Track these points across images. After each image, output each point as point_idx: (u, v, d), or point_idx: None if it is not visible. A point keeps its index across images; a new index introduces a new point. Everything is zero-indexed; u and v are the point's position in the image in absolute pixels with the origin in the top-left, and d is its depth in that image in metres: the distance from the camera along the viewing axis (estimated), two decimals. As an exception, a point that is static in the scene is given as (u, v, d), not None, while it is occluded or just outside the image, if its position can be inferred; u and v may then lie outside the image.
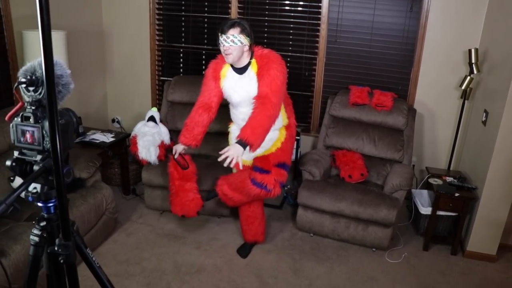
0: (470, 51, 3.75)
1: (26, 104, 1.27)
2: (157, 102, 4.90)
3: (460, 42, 3.99)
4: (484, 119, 3.61)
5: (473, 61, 3.74)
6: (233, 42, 2.79)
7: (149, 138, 3.85)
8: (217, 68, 3.05)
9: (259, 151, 3.07)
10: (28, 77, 1.22)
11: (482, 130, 3.66)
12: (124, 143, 4.22)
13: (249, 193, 3.07)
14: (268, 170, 3.01)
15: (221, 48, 2.86)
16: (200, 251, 3.49)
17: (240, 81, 2.95)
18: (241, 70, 2.95)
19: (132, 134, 3.95)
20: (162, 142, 3.91)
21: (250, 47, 2.89)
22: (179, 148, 3.19)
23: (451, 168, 4.17)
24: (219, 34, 2.84)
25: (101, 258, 3.30)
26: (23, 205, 3.16)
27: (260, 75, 2.87)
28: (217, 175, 3.71)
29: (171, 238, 3.64)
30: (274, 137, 3.10)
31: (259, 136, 2.75)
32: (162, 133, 3.96)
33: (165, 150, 3.93)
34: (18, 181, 3.22)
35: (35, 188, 1.30)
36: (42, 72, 1.06)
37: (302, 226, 3.74)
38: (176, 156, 3.20)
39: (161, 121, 4.08)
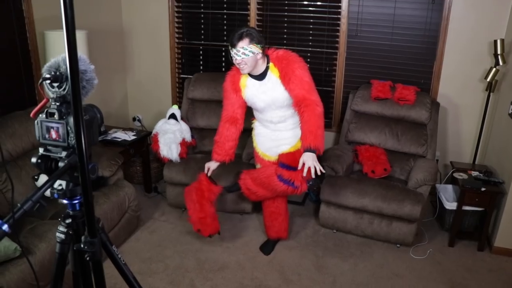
0: (495, 41, 3.65)
1: (50, 100, 1.27)
2: (177, 100, 4.91)
3: (484, 33, 3.89)
4: (511, 111, 3.51)
5: (498, 52, 3.64)
6: (245, 54, 2.73)
7: (170, 136, 3.85)
8: (235, 80, 3.02)
9: (285, 148, 3.06)
10: (52, 73, 1.22)
11: (509, 122, 3.57)
12: (145, 141, 4.24)
13: (275, 189, 3.05)
14: (295, 167, 2.98)
15: (234, 62, 2.81)
16: (222, 248, 3.49)
17: (262, 87, 2.91)
18: (260, 77, 2.91)
19: (154, 132, 3.97)
20: (184, 139, 3.91)
21: (263, 52, 2.82)
22: (213, 165, 3.21)
23: (476, 163, 4.07)
24: (230, 48, 2.78)
25: (124, 256, 3.32)
26: (48, 203, 3.20)
27: (285, 79, 2.83)
28: (239, 170, 3.70)
29: (194, 235, 3.65)
30: (299, 133, 3.04)
31: (320, 138, 2.81)
32: (183, 130, 3.96)
33: (187, 148, 3.94)
34: (42, 179, 3.26)
35: (60, 185, 1.30)
36: (66, 68, 1.05)
37: (325, 223, 3.70)
38: (209, 174, 3.21)
39: (182, 118, 4.09)
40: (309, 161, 2.71)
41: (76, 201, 1.35)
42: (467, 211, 3.60)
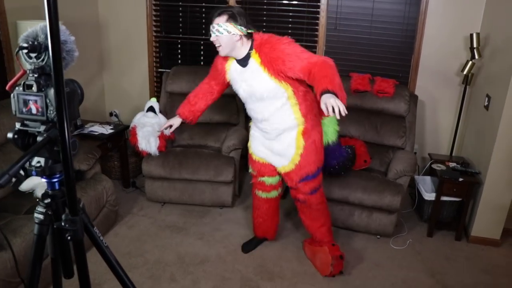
0: (471, 35, 3.71)
1: (28, 72, 1.21)
2: (155, 94, 4.84)
3: (460, 28, 3.95)
4: (486, 104, 3.58)
5: (474, 45, 3.70)
6: (219, 31, 2.53)
7: (148, 129, 3.79)
8: (223, 61, 2.82)
9: (284, 163, 2.91)
10: (30, 42, 1.16)
11: (484, 115, 3.63)
12: (123, 135, 4.16)
13: (301, 210, 3.12)
14: (294, 188, 2.95)
15: (211, 40, 2.62)
16: (203, 242, 3.44)
17: (243, 74, 2.70)
18: (243, 62, 2.69)
19: (132, 125, 3.89)
20: (162, 132, 3.85)
21: (247, 36, 2.60)
22: (176, 123, 3.09)
23: (453, 154, 4.13)
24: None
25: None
26: (22, 198, 3.10)
27: (273, 64, 2.57)
28: (218, 164, 3.67)
29: (173, 229, 3.59)
30: (292, 150, 2.83)
31: (338, 85, 2.30)
32: (162, 123, 3.89)
33: (165, 141, 3.88)
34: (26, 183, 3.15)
35: (38, 162, 1.24)
36: (46, 37, 1.00)
37: (305, 215, 3.69)
38: (170, 131, 3.16)
39: (160, 111, 4.03)
40: (330, 100, 2.17)
41: (55, 180, 1.29)
42: (445, 201, 3.65)
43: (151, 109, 3.96)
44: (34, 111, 1.19)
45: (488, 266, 3.32)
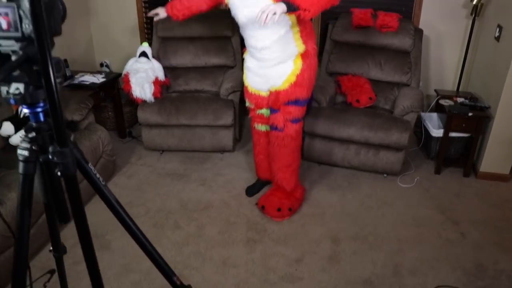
0: (481, -40, 3.47)
1: (-6, -21, 1.03)
2: (146, 40, 4.60)
3: (468, -48, 3.70)
4: (497, 35, 3.39)
5: (483, -29, 3.47)
6: None
7: (142, 75, 3.61)
8: None
9: (275, 83, 2.74)
10: None
11: (495, 46, 3.45)
12: (116, 83, 3.97)
13: (273, 142, 2.87)
14: (277, 109, 2.77)
15: None
16: (205, 188, 3.34)
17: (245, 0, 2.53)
18: None
19: (124, 72, 3.71)
20: (157, 78, 3.68)
21: None
22: (162, 14, 2.98)
23: (460, 90, 3.98)
24: None
25: (102, 203, 3.13)
26: (14, 153, 2.95)
27: None
28: (217, 107, 3.53)
29: (174, 177, 3.48)
30: (288, 70, 2.69)
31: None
32: (156, 68, 3.72)
33: (161, 87, 3.71)
34: (6, 127, 3.01)
35: (17, 88, 1.09)
36: None
37: (309, 156, 3.57)
38: (156, 19, 3.05)
39: (153, 57, 3.83)
40: (271, 7, 2.22)
41: (39, 109, 1.14)
42: (453, 137, 3.54)
43: (144, 54, 3.75)
44: (4, 26, 1.01)
45: (498, 201, 3.25)
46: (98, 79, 3.82)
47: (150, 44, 3.97)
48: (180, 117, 3.56)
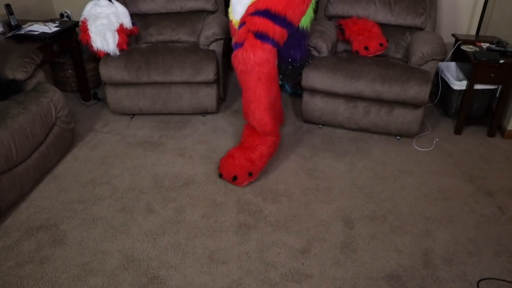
0: None
1: None
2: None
3: None
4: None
5: None
6: None
7: (103, 22, 2.95)
8: None
9: None
10: None
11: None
12: (74, 34, 3.30)
13: (236, 67, 2.40)
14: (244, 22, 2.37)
15: None
16: (185, 160, 2.76)
17: None
18: None
19: (81, 18, 3.03)
20: (121, 25, 3.02)
21: None
22: None
23: (479, 34, 3.40)
24: None
25: (58, 181, 2.54)
26: None
27: None
28: (196, 59, 2.92)
29: (147, 146, 2.89)
30: None
31: None
32: (120, 14, 3.05)
33: (127, 37, 3.05)
34: None
35: None
36: None
37: (308, 116, 3.01)
38: None
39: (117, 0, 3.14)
40: None
41: None
42: (478, 90, 2.99)
43: (105, -4, 3.07)
44: None
45: (532, 164, 2.76)
46: (50, 28, 3.14)
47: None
48: (151, 73, 2.94)
